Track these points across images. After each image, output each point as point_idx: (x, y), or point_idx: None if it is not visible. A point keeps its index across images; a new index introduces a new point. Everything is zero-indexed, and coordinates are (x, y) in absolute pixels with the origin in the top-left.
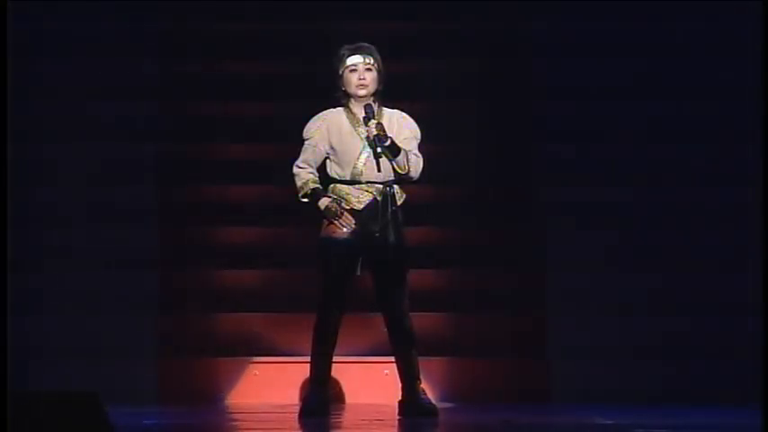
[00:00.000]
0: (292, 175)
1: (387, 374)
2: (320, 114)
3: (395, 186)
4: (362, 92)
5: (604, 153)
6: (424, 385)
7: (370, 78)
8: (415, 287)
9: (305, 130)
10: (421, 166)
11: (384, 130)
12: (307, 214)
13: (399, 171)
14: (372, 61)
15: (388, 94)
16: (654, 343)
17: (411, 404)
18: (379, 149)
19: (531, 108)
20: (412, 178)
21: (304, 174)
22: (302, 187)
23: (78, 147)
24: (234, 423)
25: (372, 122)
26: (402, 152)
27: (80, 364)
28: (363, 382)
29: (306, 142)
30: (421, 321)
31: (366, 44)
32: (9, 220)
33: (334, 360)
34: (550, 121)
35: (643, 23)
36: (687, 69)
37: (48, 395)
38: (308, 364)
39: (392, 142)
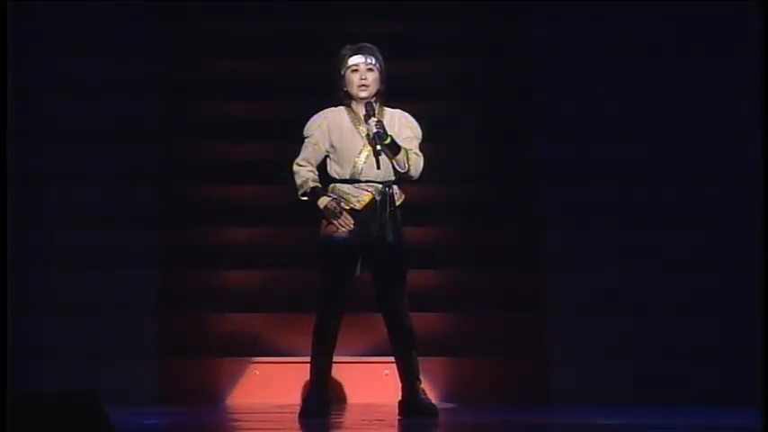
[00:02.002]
0: (292, 173)
1: (387, 374)
2: (321, 112)
3: (394, 186)
4: (364, 93)
5: (604, 153)
6: (424, 385)
7: (372, 79)
8: (415, 287)
9: (305, 127)
10: (421, 165)
11: (384, 129)
12: (307, 214)
13: (399, 170)
14: (374, 62)
15: (390, 94)
16: (654, 343)
17: (411, 404)
18: (378, 147)
19: (530, 108)
20: (412, 177)
21: (304, 172)
22: (302, 185)
23: (78, 147)
24: (234, 423)
25: (372, 120)
26: (402, 151)
27: (80, 364)
28: (363, 382)
29: (306, 140)
30: (421, 321)
31: (368, 44)
32: (9, 220)
33: (334, 360)
34: (550, 122)
35: (643, 23)
36: (687, 69)
37: (48, 395)
38: (308, 365)
39: (392, 141)
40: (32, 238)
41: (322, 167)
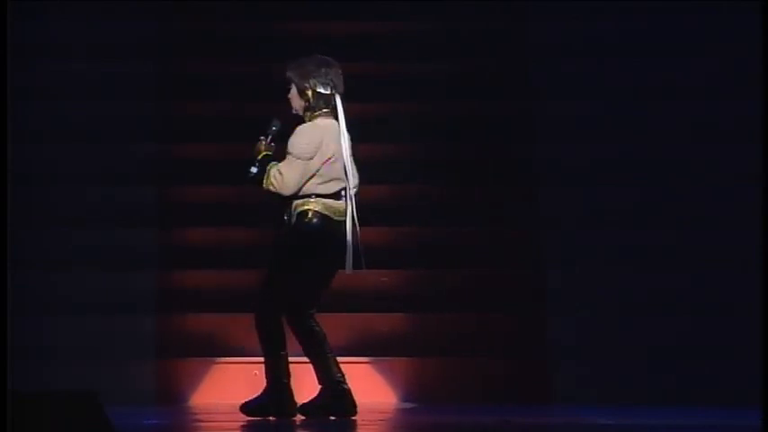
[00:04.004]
0: None
1: (386, 374)
2: None
3: (295, 200)
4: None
5: (604, 153)
6: (422, 385)
7: (291, 98)
8: (416, 287)
9: None
10: (284, 181)
11: (259, 153)
12: None
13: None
14: (288, 79)
15: (392, 94)
16: (654, 343)
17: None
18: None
19: (530, 108)
20: (281, 193)
21: None
22: None
23: (78, 147)
24: (233, 423)
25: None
26: (265, 171)
27: (80, 364)
28: (363, 381)
29: None
30: (421, 322)
31: (294, 60)
32: (9, 220)
33: (339, 360)
34: (550, 122)
35: (642, 23)
36: (686, 69)
37: (48, 395)
38: (307, 365)
39: (258, 165)
40: (32, 238)
41: None
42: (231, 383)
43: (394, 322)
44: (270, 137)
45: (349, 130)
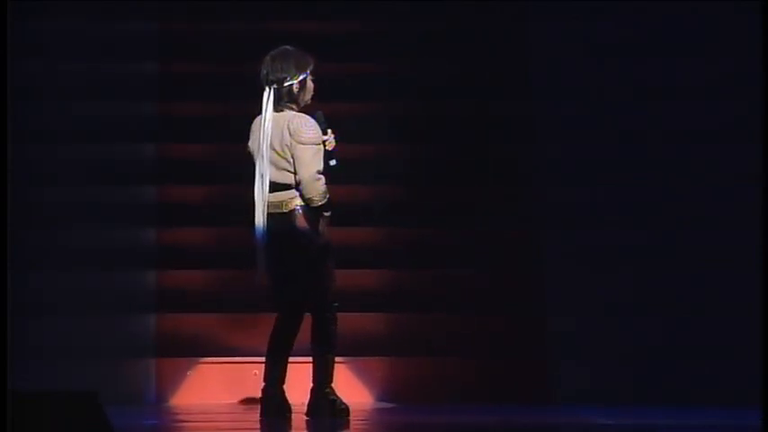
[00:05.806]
0: (317, 180)
1: (385, 374)
2: (309, 117)
3: None
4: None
5: (604, 153)
6: (418, 384)
7: None
8: (420, 288)
9: (315, 135)
10: None
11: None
12: None
13: None
14: None
15: (391, 93)
16: (654, 343)
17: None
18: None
19: (530, 108)
20: None
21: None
22: (326, 192)
23: (78, 147)
24: (233, 423)
25: (330, 133)
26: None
27: (80, 365)
28: (362, 381)
29: (317, 147)
30: (422, 322)
31: None
32: (9, 220)
33: (336, 360)
34: (550, 122)
35: (642, 23)
36: (686, 69)
37: (48, 395)
38: (307, 365)
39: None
40: (32, 237)
41: None
42: (231, 383)
43: (393, 322)
44: (327, 129)
45: (349, 129)
